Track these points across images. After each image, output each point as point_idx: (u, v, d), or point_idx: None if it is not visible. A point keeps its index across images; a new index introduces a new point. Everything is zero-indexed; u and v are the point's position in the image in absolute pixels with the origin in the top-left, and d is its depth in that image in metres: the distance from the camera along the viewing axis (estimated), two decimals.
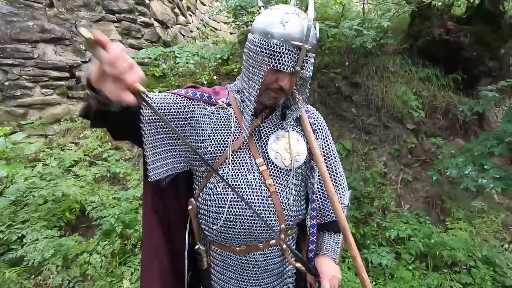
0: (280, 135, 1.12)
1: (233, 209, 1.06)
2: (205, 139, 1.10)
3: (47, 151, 3.70)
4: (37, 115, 4.24)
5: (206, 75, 4.23)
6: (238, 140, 1.09)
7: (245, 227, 1.06)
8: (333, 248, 1.23)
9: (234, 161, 1.08)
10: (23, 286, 2.59)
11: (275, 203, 1.08)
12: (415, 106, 3.81)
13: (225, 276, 1.16)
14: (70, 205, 2.99)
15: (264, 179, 1.08)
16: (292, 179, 1.13)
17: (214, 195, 1.09)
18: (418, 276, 2.53)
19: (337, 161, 1.27)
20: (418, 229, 2.87)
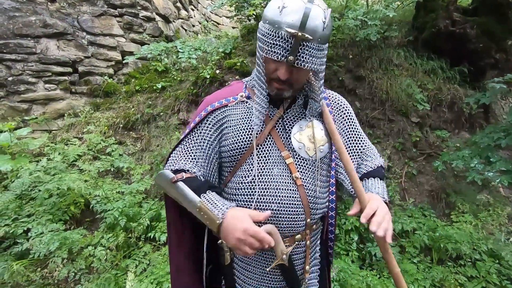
0: (303, 125, 1.10)
1: (261, 203, 1.04)
2: (230, 136, 1.10)
3: (51, 146, 3.72)
4: (41, 110, 4.25)
5: (208, 69, 4.21)
6: (262, 133, 1.08)
7: (272, 221, 1.04)
8: (380, 189, 1.10)
9: (260, 154, 1.07)
10: (30, 278, 2.62)
11: (302, 197, 1.06)
12: (419, 99, 3.77)
13: (249, 271, 1.13)
14: (75, 199, 3.01)
15: (290, 172, 1.06)
16: (318, 170, 1.11)
17: (240, 189, 1.08)
18: (422, 269, 2.53)
19: (366, 142, 1.25)
20: (423, 222, 2.85)
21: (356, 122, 1.24)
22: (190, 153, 1.13)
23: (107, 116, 4.22)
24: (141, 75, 4.92)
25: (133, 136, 4.13)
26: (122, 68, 4.99)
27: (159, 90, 4.60)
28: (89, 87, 4.55)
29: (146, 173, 3.66)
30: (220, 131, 1.13)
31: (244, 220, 0.93)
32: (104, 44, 4.70)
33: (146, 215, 2.91)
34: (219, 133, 1.13)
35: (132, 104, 4.45)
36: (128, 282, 2.44)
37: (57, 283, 2.62)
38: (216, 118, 1.14)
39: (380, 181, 1.14)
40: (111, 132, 4.07)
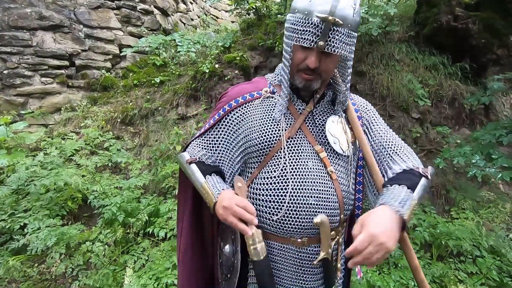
0: (335, 120, 1.10)
1: (296, 197, 1.01)
2: (257, 130, 1.08)
3: (48, 140, 3.67)
4: (37, 104, 4.19)
5: (207, 64, 4.15)
6: (293, 127, 1.07)
7: (309, 216, 1.01)
8: (397, 198, 0.89)
9: (291, 148, 1.06)
10: (27, 274, 2.59)
11: (337, 191, 1.05)
12: (421, 95, 3.74)
13: (281, 271, 1.08)
14: (72, 194, 2.97)
15: (325, 166, 1.05)
16: (351, 166, 1.10)
17: (271, 184, 1.05)
18: (422, 266, 2.52)
19: (397, 143, 1.13)
20: (423, 219, 2.84)
21: (382, 123, 1.18)
22: (207, 149, 1.17)
23: (104, 110, 4.17)
24: (139, 69, 4.86)
25: (131, 131, 4.08)
26: (120, 62, 4.92)
27: (157, 85, 4.54)
28: (86, 81, 4.49)
29: (145, 168, 3.62)
30: (245, 127, 1.12)
31: (235, 195, 1.00)
32: (102, 37, 4.63)
33: (145, 210, 2.88)
34: (244, 129, 1.12)
35: (130, 99, 4.40)
36: (127, 278, 2.41)
37: (54, 279, 2.60)
38: (240, 113, 1.13)
39: (403, 188, 0.94)
40: (109, 126, 4.02)
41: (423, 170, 1.01)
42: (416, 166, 1.04)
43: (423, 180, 0.98)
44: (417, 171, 1.02)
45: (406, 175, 1.01)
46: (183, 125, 4.09)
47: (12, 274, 2.36)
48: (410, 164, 1.05)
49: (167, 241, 2.70)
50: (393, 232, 0.82)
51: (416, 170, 1.02)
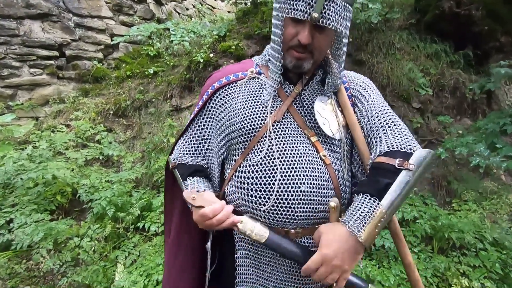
0: (324, 101, 1.01)
1: (286, 184, 0.92)
2: (240, 113, 1.00)
3: (37, 133, 3.55)
4: (27, 96, 4.07)
5: (202, 53, 4.02)
6: (279, 109, 0.98)
7: (302, 204, 0.92)
8: (355, 214, 0.82)
9: (278, 131, 0.97)
10: (14, 271, 2.51)
11: (332, 177, 0.96)
12: (422, 84, 3.63)
13: (272, 266, 0.99)
14: (61, 188, 2.87)
15: (317, 150, 0.97)
16: (344, 151, 1.00)
17: (257, 171, 0.95)
18: (423, 259, 2.44)
19: (395, 119, 0.98)
20: (424, 211, 2.75)
21: (374, 99, 1.03)
22: (192, 145, 1.13)
23: (96, 102, 4.05)
24: (132, 60, 4.72)
25: (124, 123, 3.97)
26: (112, 52, 4.78)
27: (151, 76, 4.41)
28: (77, 72, 4.36)
29: (138, 161, 3.52)
30: (229, 110, 1.03)
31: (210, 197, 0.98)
32: (92, 27, 4.48)
33: (137, 204, 2.78)
34: (227, 112, 1.04)
35: (122, 90, 4.27)
36: (117, 274, 2.33)
37: (43, 275, 2.51)
38: (223, 95, 1.06)
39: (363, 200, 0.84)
40: (101, 119, 3.90)
41: (400, 162, 0.84)
42: (401, 147, 0.88)
43: (402, 176, 0.83)
44: (391, 164, 0.85)
45: (374, 176, 0.88)
46: (177, 117, 3.98)
47: None
48: (394, 145, 0.90)
49: (160, 236, 2.61)
50: (348, 254, 0.81)
51: (388, 164, 0.85)
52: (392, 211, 0.84)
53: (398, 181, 0.84)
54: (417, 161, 0.86)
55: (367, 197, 0.84)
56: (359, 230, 0.81)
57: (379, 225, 0.82)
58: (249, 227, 0.91)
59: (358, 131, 0.99)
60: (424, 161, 0.87)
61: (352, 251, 0.82)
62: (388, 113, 0.99)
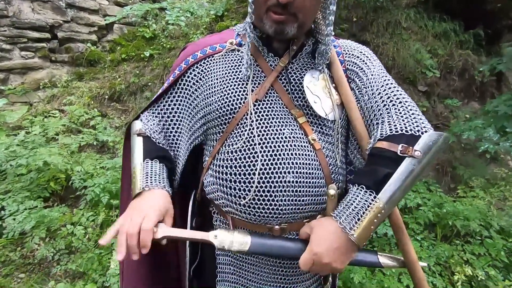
0: (316, 75, 0.87)
1: (268, 174, 0.81)
2: (217, 91, 0.87)
3: (30, 118, 3.45)
4: (19, 80, 3.94)
5: (199, 34, 3.85)
6: (262, 85, 0.85)
7: (287, 196, 0.81)
8: (348, 208, 0.74)
9: (261, 112, 0.84)
10: (9, 258, 2.47)
11: (322, 165, 0.85)
12: (429, 66, 3.46)
13: (256, 266, 0.89)
14: (55, 175, 2.80)
15: (305, 133, 0.85)
16: (338, 134, 0.88)
17: (236, 159, 0.83)
18: (426, 247, 2.37)
19: (401, 95, 0.84)
20: (428, 198, 2.66)
21: (375, 72, 0.89)
22: (162, 120, 0.98)
23: (90, 86, 3.92)
24: (128, 42, 4.54)
25: (119, 108, 3.86)
26: (107, 34, 4.60)
27: (147, 59, 4.25)
28: (71, 55, 4.20)
29: None
30: (205, 88, 0.90)
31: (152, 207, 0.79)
32: (85, 7, 4.28)
33: None
34: (203, 90, 0.91)
35: (118, 74, 4.13)
36: (113, 261, 2.28)
37: (38, 263, 2.48)
38: (198, 71, 0.92)
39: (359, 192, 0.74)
40: (95, 103, 3.79)
41: (404, 148, 0.72)
42: (407, 129, 0.76)
43: (405, 165, 0.72)
44: (392, 151, 0.73)
45: (372, 164, 0.77)
46: None
47: None
48: (398, 127, 0.76)
49: None
50: (340, 252, 0.74)
51: (389, 151, 0.74)
52: (391, 205, 0.74)
53: (400, 171, 0.72)
54: (424, 147, 0.74)
55: (362, 189, 0.74)
56: (351, 227, 0.72)
57: (375, 221, 0.72)
58: (226, 240, 0.78)
59: (355, 110, 0.87)
60: (433, 146, 0.74)
61: (343, 250, 0.74)
62: (392, 89, 0.85)
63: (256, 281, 0.90)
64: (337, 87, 0.89)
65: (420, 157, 0.72)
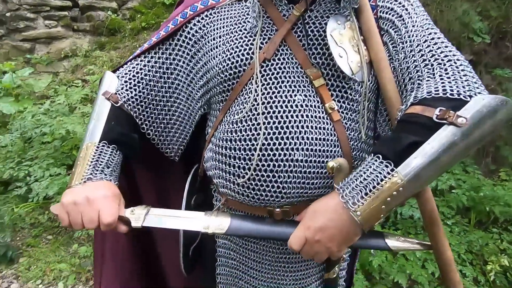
0: (342, 21, 0.69)
1: (271, 150, 0.68)
2: (220, 51, 0.73)
3: (55, 88, 3.53)
4: (44, 50, 4.02)
5: None
6: (272, 41, 0.70)
7: (294, 178, 0.69)
8: (355, 180, 0.61)
9: (269, 75, 0.69)
10: (38, 220, 2.63)
11: (340, 140, 0.70)
12: (478, 30, 3.01)
13: (254, 259, 0.80)
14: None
15: (321, 100, 0.70)
16: (365, 100, 0.71)
17: (236, 131, 0.71)
18: (457, 233, 2.17)
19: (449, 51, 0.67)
20: (464, 179, 2.41)
21: (420, 26, 0.69)
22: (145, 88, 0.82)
23: (111, 56, 3.90)
24: (148, 10, 4.42)
25: None
26: (127, 2, 4.50)
27: None
28: (92, 23, 4.18)
29: None
30: (206, 47, 0.77)
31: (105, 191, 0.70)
32: None
33: None
34: (205, 51, 0.77)
35: (138, 43, 4.06)
36: None
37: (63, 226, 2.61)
38: (199, 27, 0.78)
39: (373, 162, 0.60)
40: None
41: (442, 112, 0.56)
42: (452, 92, 0.58)
43: (443, 134, 0.55)
44: (425, 116, 0.57)
45: (398, 132, 0.62)
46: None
47: (15, 222, 2.37)
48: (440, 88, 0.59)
49: None
50: (338, 232, 0.61)
51: (422, 116, 0.58)
52: (416, 184, 0.58)
53: (432, 140, 0.56)
54: (474, 114, 0.56)
55: (377, 159, 0.59)
56: (354, 202, 0.58)
57: (389, 200, 0.57)
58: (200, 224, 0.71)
59: (387, 70, 0.69)
60: (488, 114, 0.56)
61: (343, 230, 0.61)
62: (439, 44, 0.66)
63: (257, 268, 0.81)
64: (366, 41, 0.71)
65: (465, 126, 0.55)
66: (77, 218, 0.67)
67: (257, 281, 0.80)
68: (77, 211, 0.66)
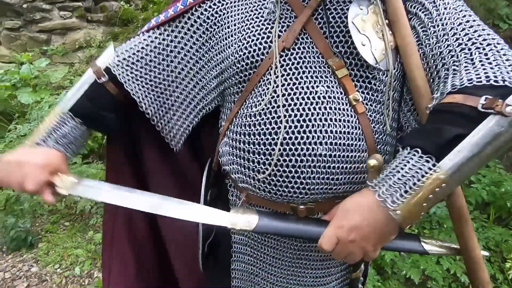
0: (364, 6, 0.65)
1: (293, 145, 0.65)
2: (235, 39, 0.70)
3: (71, 78, 3.60)
4: (60, 41, 4.09)
5: None
6: (291, 29, 0.67)
7: (317, 174, 0.66)
8: (393, 176, 0.56)
9: (288, 65, 0.67)
10: (56, 207, 2.72)
11: (365, 133, 0.67)
12: (504, 16, 2.85)
13: (275, 257, 0.78)
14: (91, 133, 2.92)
15: (345, 91, 0.66)
16: (390, 90, 0.67)
17: (255, 125, 0.68)
18: (475, 228, 2.10)
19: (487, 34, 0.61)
20: (484, 174, 2.31)
21: (453, 8, 0.64)
22: (146, 62, 0.78)
23: None
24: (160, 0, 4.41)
25: None
26: None
27: None
28: (105, 14, 4.20)
29: None
30: (220, 35, 0.74)
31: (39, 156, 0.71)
32: None
33: None
34: (219, 39, 0.74)
35: None
36: None
37: (80, 214, 2.69)
38: (209, 13, 0.74)
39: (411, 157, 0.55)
40: None
41: (489, 101, 0.51)
42: (496, 79, 0.53)
43: (488, 124, 0.51)
44: (468, 105, 0.53)
45: (436, 122, 0.57)
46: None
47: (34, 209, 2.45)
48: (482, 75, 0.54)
49: None
50: (373, 231, 0.57)
51: (464, 105, 0.53)
52: (458, 180, 0.54)
53: (478, 132, 0.51)
54: None
55: (416, 154, 0.55)
56: (394, 200, 0.54)
57: (431, 198, 0.53)
58: None
59: (415, 56, 0.64)
60: None
61: (379, 228, 0.57)
62: (475, 27, 0.61)
63: (275, 265, 0.79)
64: (392, 24, 0.66)
65: None
66: (5, 176, 0.70)
67: (275, 278, 0.78)
68: (8, 171, 0.70)
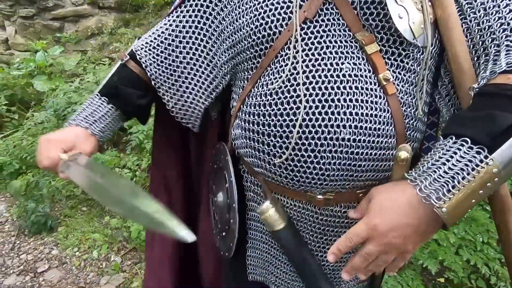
0: None
1: (314, 126, 0.58)
2: (248, 10, 0.63)
3: (84, 66, 3.62)
4: (73, 28, 4.11)
5: None
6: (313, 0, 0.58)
7: (339, 159, 0.59)
8: (438, 169, 0.49)
9: (310, 39, 0.59)
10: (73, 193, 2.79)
11: (394, 117, 0.60)
12: None
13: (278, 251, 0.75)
14: None
15: (374, 69, 0.59)
16: (426, 70, 0.60)
17: (271, 105, 0.62)
18: None
19: None
20: None
21: None
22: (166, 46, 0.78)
23: (135, 33, 3.89)
24: None
25: None
26: None
27: None
28: (116, 0, 4.17)
29: None
30: (231, 6, 0.68)
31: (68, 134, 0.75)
32: None
33: None
34: (230, 10, 0.68)
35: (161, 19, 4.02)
36: None
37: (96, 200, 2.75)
38: None
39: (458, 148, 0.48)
40: None
41: None
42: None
43: None
44: None
45: (484, 108, 0.50)
46: None
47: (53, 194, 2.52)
48: None
49: None
50: (412, 230, 0.51)
51: None
52: (511, 173, 0.48)
53: None
54: None
55: (465, 144, 0.48)
56: (440, 196, 0.47)
57: (481, 193, 0.47)
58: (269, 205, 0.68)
59: (457, 30, 0.57)
60: None
61: (421, 227, 0.51)
62: None
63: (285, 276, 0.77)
64: None
65: None
66: (36, 156, 0.74)
67: (288, 267, 0.76)
68: (37, 150, 0.74)
